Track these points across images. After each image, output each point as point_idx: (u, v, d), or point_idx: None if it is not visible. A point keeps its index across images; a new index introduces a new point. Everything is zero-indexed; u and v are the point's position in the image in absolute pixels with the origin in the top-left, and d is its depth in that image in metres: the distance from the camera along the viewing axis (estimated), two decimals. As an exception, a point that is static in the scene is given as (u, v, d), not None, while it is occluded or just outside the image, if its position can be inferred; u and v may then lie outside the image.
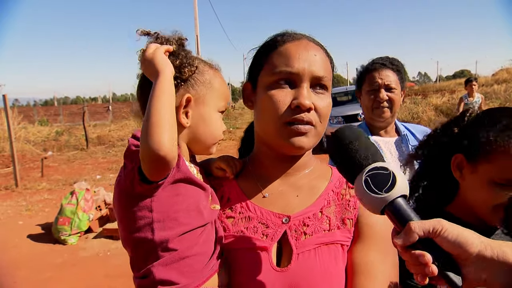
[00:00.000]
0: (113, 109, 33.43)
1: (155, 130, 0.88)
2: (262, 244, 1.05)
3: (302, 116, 1.04)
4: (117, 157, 15.26)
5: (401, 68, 2.32)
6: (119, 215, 0.99)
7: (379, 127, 2.34)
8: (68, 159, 15.59)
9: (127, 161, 0.95)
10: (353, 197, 1.14)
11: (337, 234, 1.07)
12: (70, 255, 6.04)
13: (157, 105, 0.91)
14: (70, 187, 9.60)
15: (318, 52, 1.10)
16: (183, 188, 0.98)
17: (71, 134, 21.54)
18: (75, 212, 6.51)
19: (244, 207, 1.12)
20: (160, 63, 0.98)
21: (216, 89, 1.10)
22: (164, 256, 0.94)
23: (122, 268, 5.35)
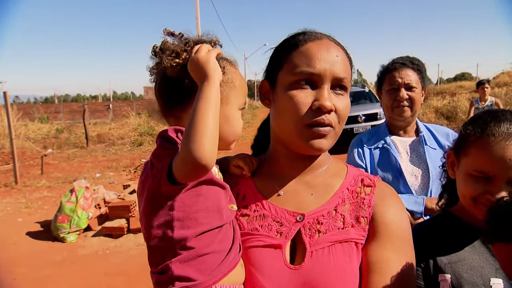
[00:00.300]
0: (114, 107, 33.46)
1: (200, 139, 0.88)
2: (276, 242, 1.05)
3: (323, 119, 1.04)
4: (117, 156, 15.27)
5: (422, 67, 2.29)
6: (143, 212, 1.00)
7: (399, 127, 2.33)
8: (68, 157, 15.59)
9: (156, 161, 0.95)
10: (368, 195, 1.14)
11: (351, 232, 1.07)
12: (69, 253, 6.04)
13: (204, 112, 0.91)
14: (69, 185, 9.61)
15: (340, 52, 1.10)
16: (205, 189, 0.99)
17: (71, 132, 21.56)
18: (74, 210, 6.51)
19: (259, 205, 1.13)
20: (212, 67, 0.98)
21: (237, 87, 1.10)
22: (182, 254, 0.95)
23: (121, 267, 5.36)
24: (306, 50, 1.07)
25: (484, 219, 1.00)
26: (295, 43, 1.11)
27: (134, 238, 6.32)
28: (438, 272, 1.22)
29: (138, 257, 5.65)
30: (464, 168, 1.27)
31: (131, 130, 20.22)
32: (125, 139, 18.87)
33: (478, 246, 1.25)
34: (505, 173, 1.15)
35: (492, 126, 1.20)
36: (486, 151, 1.19)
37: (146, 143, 17.55)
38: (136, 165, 12.86)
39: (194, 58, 0.99)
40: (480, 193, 1.20)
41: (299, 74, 1.05)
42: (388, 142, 2.27)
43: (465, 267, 1.20)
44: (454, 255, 1.23)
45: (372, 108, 12.79)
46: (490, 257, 1.22)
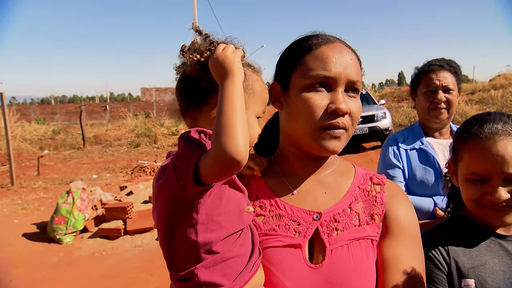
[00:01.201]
0: (111, 108, 33.40)
1: (234, 134, 0.87)
2: (295, 242, 1.05)
3: (338, 122, 1.05)
4: (113, 157, 15.24)
5: (458, 69, 2.27)
6: (162, 215, 0.98)
7: (434, 129, 2.30)
8: (64, 158, 15.54)
9: (180, 163, 0.92)
10: (379, 193, 1.16)
11: (367, 229, 1.09)
12: (66, 254, 6.01)
13: (233, 107, 0.90)
14: (66, 186, 9.59)
15: (352, 56, 1.11)
16: (227, 191, 0.98)
17: (67, 133, 21.51)
18: (71, 212, 6.48)
19: (273, 205, 1.12)
20: (237, 66, 0.98)
21: (257, 94, 1.09)
22: (207, 258, 0.93)
23: (117, 268, 5.34)
24: (321, 53, 1.08)
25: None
26: (308, 46, 1.11)
27: (130, 240, 6.30)
28: (461, 277, 1.21)
29: (134, 258, 5.63)
30: (461, 174, 1.28)
31: (128, 131, 20.17)
32: (122, 140, 18.84)
33: (496, 249, 1.24)
34: (497, 171, 1.16)
35: (476, 128, 1.22)
36: (474, 153, 1.21)
37: (143, 145, 17.52)
38: (133, 166, 12.84)
39: (220, 55, 0.98)
40: (481, 195, 1.21)
41: (314, 77, 1.06)
42: (425, 143, 2.25)
43: (488, 271, 1.20)
44: (475, 258, 1.23)
45: (369, 110, 12.80)
46: (509, 260, 1.22)
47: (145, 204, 7.24)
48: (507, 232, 1.26)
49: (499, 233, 1.26)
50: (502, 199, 1.16)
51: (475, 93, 25.81)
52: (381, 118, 12.35)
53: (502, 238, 1.25)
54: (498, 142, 1.16)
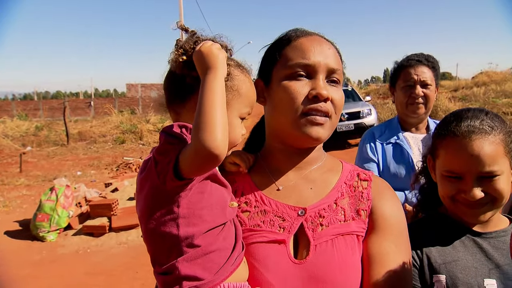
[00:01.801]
0: (95, 104, 32.93)
1: (212, 128, 0.87)
2: (279, 237, 1.05)
3: (320, 106, 1.06)
4: (98, 153, 15.05)
5: (436, 65, 2.31)
6: (144, 209, 0.97)
7: (411, 123, 2.34)
8: (47, 154, 15.30)
9: (161, 157, 0.92)
10: (365, 189, 1.16)
11: (352, 225, 1.09)
12: (49, 252, 5.93)
13: (212, 102, 0.90)
14: (49, 183, 9.44)
15: (331, 47, 1.14)
16: (209, 186, 0.98)
17: (51, 129, 21.14)
18: (54, 209, 6.40)
19: (259, 200, 1.12)
20: (221, 61, 0.98)
21: (242, 95, 1.08)
22: (188, 252, 0.93)
23: (102, 266, 5.29)
24: (299, 44, 1.11)
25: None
26: (287, 39, 1.14)
27: (116, 237, 6.24)
28: (432, 272, 1.22)
29: (119, 256, 5.59)
30: (438, 170, 1.29)
31: (113, 127, 19.93)
32: (107, 136, 18.61)
33: (470, 246, 1.25)
34: (471, 169, 1.17)
35: (454, 125, 1.22)
36: (450, 150, 1.22)
37: (128, 141, 17.33)
38: (118, 163, 12.71)
39: (205, 49, 0.98)
40: (455, 192, 1.22)
41: (294, 66, 1.08)
42: (401, 138, 2.29)
43: (459, 268, 1.21)
44: (448, 255, 1.24)
45: (355, 106, 12.93)
46: (482, 257, 1.22)
47: (130, 200, 7.17)
48: (483, 229, 1.27)
49: (475, 230, 1.27)
50: (476, 197, 1.17)
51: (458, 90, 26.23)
52: (367, 114, 12.47)
53: (478, 235, 1.26)
54: (474, 141, 1.16)
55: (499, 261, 1.20)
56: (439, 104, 17.39)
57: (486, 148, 1.15)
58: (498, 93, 21.56)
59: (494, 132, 1.17)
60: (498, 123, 1.20)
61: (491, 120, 1.20)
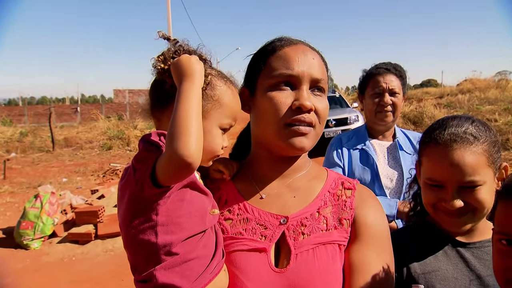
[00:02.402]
0: (82, 110, 32.57)
1: (185, 136, 0.87)
2: (260, 246, 1.05)
3: (304, 117, 1.07)
4: (84, 160, 14.86)
5: (404, 74, 2.35)
6: (123, 217, 0.98)
7: (379, 131, 2.37)
8: (32, 161, 15.05)
9: (139, 164, 0.93)
10: (349, 198, 1.17)
11: (334, 234, 1.09)
12: (33, 260, 5.82)
13: (186, 110, 0.91)
14: (34, 190, 9.29)
15: (315, 56, 1.14)
16: (188, 193, 0.98)
17: (36, 135, 20.82)
18: (39, 216, 6.28)
19: (241, 208, 1.13)
20: (198, 70, 0.98)
21: (223, 105, 1.08)
22: (166, 260, 0.93)
23: (87, 274, 5.21)
24: (284, 54, 1.12)
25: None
26: (272, 49, 1.15)
27: (101, 244, 6.15)
28: (411, 282, 1.22)
29: (105, 263, 5.51)
30: (422, 177, 1.28)
31: (100, 133, 19.72)
32: (94, 143, 18.39)
33: (452, 255, 1.25)
34: (452, 179, 1.16)
35: (437, 133, 1.21)
36: (432, 158, 1.21)
37: (115, 147, 17.16)
38: (105, 169, 12.56)
39: (183, 58, 1.00)
40: (436, 201, 1.21)
41: (278, 76, 1.09)
42: (368, 144, 2.32)
43: (438, 278, 1.20)
44: (428, 264, 1.24)
45: (342, 113, 13.02)
46: (464, 268, 1.22)
47: (117, 207, 7.08)
48: (468, 239, 1.26)
49: (460, 240, 1.26)
50: (455, 207, 1.16)
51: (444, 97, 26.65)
52: (354, 121, 12.55)
53: (462, 246, 1.25)
54: (455, 150, 1.15)
55: (480, 272, 1.20)
56: (425, 111, 17.65)
57: (467, 158, 1.14)
58: (482, 100, 21.97)
59: (477, 142, 1.16)
60: (483, 132, 1.19)
61: (476, 129, 1.19)
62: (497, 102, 20.63)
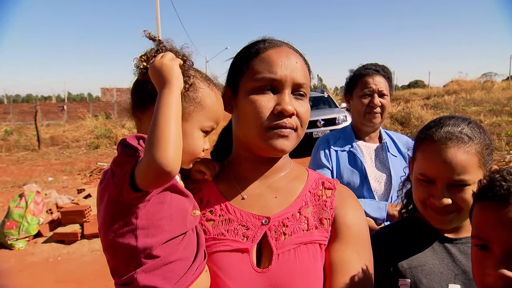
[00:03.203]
0: (68, 108, 32.22)
1: (164, 144, 0.87)
2: (242, 246, 1.06)
3: (285, 122, 1.07)
4: (71, 159, 14.69)
5: (390, 75, 2.35)
6: (102, 220, 0.97)
7: (366, 132, 2.35)
8: (17, 160, 14.83)
9: (117, 168, 0.92)
10: (329, 198, 1.18)
11: (315, 234, 1.10)
12: (17, 260, 5.73)
13: (166, 117, 0.90)
14: (19, 189, 9.15)
15: (299, 59, 1.14)
16: (168, 196, 0.98)
17: (21, 133, 20.51)
18: (23, 216, 6.19)
19: (224, 209, 1.13)
20: (174, 74, 0.97)
21: (205, 108, 1.07)
22: (147, 263, 0.93)
23: (73, 274, 5.15)
24: (267, 57, 1.11)
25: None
26: (255, 51, 1.14)
27: (88, 244, 6.09)
28: (398, 276, 1.24)
29: (92, 263, 5.45)
30: (414, 173, 1.31)
31: (87, 132, 19.52)
32: (81, 141, 18.21)
33: (439, 250, 1.27)
34: (443, 175, 1.18)
35: (434, 130, 1.24)
36: (426, 154, 1.23)
37: (103, 146, 17.00)
38: (92, 168, 12.43)
39: (157, 63, 0.98)
40: (426, 197, 1.23)
41: (260, 80, 1.09)
42: (355, 146, 2.29)
43: (424, 272, 1.22)
44: (415, 259, 1.26)
45: (331, 113, 13.12)
46: (450, 263, 1.24)
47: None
48: (455, 235, 1.28)
49: (447, 236, 1.28)
50: (443, 204, 1.18)
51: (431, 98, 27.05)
52: (342, 121, 12.64)
53: (449, 242, 1.28)
54: (450, 148, 1.17)
55: (466, 267, 1.22)
56: (412, 111, 17.85)
57: (460, 157, 1.16)
58: (467, 101, 22.36)
59: (471, 142, 1.18)
60: (477, 134, 1.21)
61: (471, 130, 1.21)
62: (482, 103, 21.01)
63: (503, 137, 12.01)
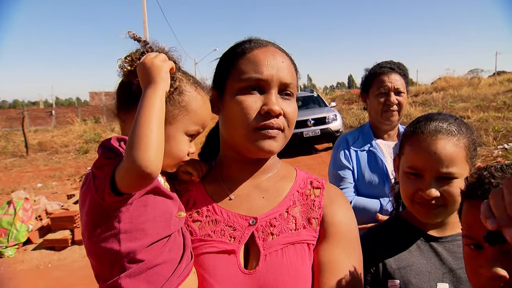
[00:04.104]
0: (57, 113, 31.85)
1: (144, 146, 0.85)
2: (229, 247, 1.04)
3: (272, 122, 1.06)
4: (60, 164, 14.53)
5: (407, 72, 2.34)
6: (85, 225, 0.94)
7: (384, 130, 2.35)
8: (5, 166, 14.62)
9: (98, 171, 0.90)
10: (318, 197, 1.16)
11: (303, 233, 1.09)
12: (7, 268, 5.65)
13: (147, 118, 0.88)
14: (7, 196, 9.01)
15: (285, 59, 1.13)
16: (151, 199, 0.96)
17: (9, 140, 20.24)
18: (12, 223, 6.11)
19: (210, 210, 1.11)
20: (162, 75, 0.96)
21: (190, 112, 1.05)
22: (131, 267, 0.91)
23: (64, 280, 5.09)
24: (253, 56, 1.10)
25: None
26: (241, 51, 1.13)
27: (79, 250, 6.02)
28: (387, 277, 1.24)
29: (83, 269, 5.39)
30: (401, 168, 1.31)
31: (76, 137, 19.34)
32: (70, 146, 18.01)
33: (426, 250, 1.27)
34: (432, 168, 1.19)
35: (423, 124, 1.25)
36: (415, 147, 1.24)
37: (92, 151, 16.81)
38: (82, 173, 12.31)
39: (148, 61, 0.96)
40: (414, 191, 1.24)
41: (247, 80, 1.07)
42: (374, 145, 2.29)
43: (413, 273, 1.23)
44: (403, 260, 1.26)
45: (320, 112, 13.17)
46: (437, 262, 1.25)
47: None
48: (440, 234, 1.29)
49: (432, 235, 1.29)
50: (431, 195, 1.18)
51: (419, 95, 27.25)
52: (332, 120, 12.70)
53: (434, 240, 1.28)
54: (439, 140, 1.19)
55: (452, 265, 1.23)
56: (401, 108, 17.95)
57: (449, 149, 1.18)
58: (455, 97, 22.62)
59: (460, 136, 1.20)
60: (465, 129, 1.23)
61: (459, 125, 1.23)
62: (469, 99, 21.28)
63: (490, 132, 12.15)
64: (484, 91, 24.25)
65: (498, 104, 18.42)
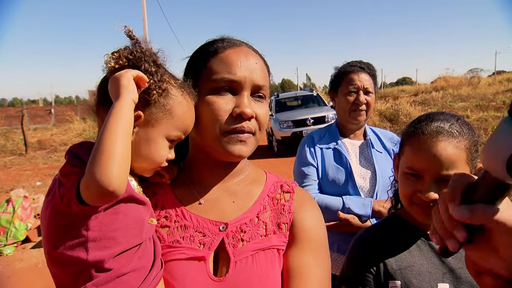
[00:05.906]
0: (56, 112, 31.80)
1: (106, 162, 0.80)
2: (199, 254, 1.01)
3: (243, 126, 1.04)
4: (59, 163, 14.51)
5: (375, 73, 2.35)
6: (47, 232, 0.89)
7: (351, 130, 2.36)
8: (4, 165, 14.61)
9: (64, 179, 0.86)
10: (288, 202, 1.15)
11: (273, 239, 1.07)
12: (5, 266, 5.63)
13: (112, 132, 0.84)
14: (6, 194, 9.01)
15: (258, 60, 1.11)
16: (123, 206, 0.91)
17: (8, 138, 20.20)
18: (11, 221, 6.10)
19: (179, 215, 1.08)
20: (124, 86, 0.90)
21: (174, 117, 1.01)
22: (98, 277, 0.86)
23: (63, 279, 5.07)
24: (226, 57, 1.07)
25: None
26: (214, 50, 1.10)
27: (78, 248, 6.01)
28: (388, 278, 1.23)
29: (82, 267, 5.38)
30: (401, 168, 1.30)
31: (75, 135, 19.34)
32: (69, 145, 17.45)
33: (426, 250, 1.27)
34: (432, 169, 1.18)
35: (424, 124, 1.24)
36: (415, 148, 1.23)
37: (91, 149, 16.81)
38: (81, 172, 12.30)
39: (116, 76, 0.93)
40: (412, 193, 1.23)
41: (219, 81, 1.05)
42: (340, 144, 2.30)
43: (414, 273, 1.22)
44: (404, 260, 1.25)
45: (320, 111, 13.20)
46: (437, 262, 1.24)
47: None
48: None
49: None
50: (430, 198, 1.18)
51: (418, 94, 27.27)
52: (332, 119, 12.69)
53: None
54: (440, 141, 1.17)
55: (453, 265, 1.22)
56: (401, 108, 17.99)
57: (449, 151, 1.16)
58: (455, 97, 22.59)
59: (461, 137, 1.19)
60: (466, 130, 1.21)
61: (460, 126, 1.21)
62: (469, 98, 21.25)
63: (490, 131, 12.17)
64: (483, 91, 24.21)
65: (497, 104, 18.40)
